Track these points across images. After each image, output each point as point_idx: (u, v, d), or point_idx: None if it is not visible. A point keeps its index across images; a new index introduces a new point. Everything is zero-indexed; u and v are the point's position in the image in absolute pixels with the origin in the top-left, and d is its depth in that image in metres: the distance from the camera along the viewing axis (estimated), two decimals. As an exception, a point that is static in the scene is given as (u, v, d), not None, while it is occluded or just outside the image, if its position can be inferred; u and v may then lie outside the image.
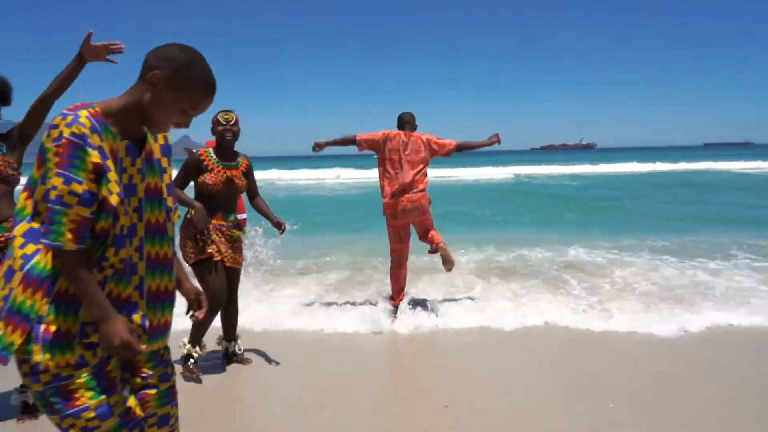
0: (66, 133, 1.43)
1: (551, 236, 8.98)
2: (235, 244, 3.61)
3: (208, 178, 3.44)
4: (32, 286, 1.47)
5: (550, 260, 7.01)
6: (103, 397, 1.53)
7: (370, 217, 8.31)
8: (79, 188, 1.44)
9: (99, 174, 1.48)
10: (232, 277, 3.66)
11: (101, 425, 1.53)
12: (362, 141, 4.73)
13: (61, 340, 1.47)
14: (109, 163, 1.50)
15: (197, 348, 3.56)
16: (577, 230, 9.73)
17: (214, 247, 3.44)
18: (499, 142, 4.87)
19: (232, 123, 3.52)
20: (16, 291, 1.47)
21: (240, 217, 6.37)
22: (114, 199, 1.49)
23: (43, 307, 1.46)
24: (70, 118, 1.46)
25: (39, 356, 1.45)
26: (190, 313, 1.87)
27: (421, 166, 4.72)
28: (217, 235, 3.47)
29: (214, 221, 3.48)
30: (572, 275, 6.15)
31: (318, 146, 4.80)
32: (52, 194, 1.43)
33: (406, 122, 4.91)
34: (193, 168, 3.46)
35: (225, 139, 3.51)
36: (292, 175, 34.69)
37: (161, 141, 1.75)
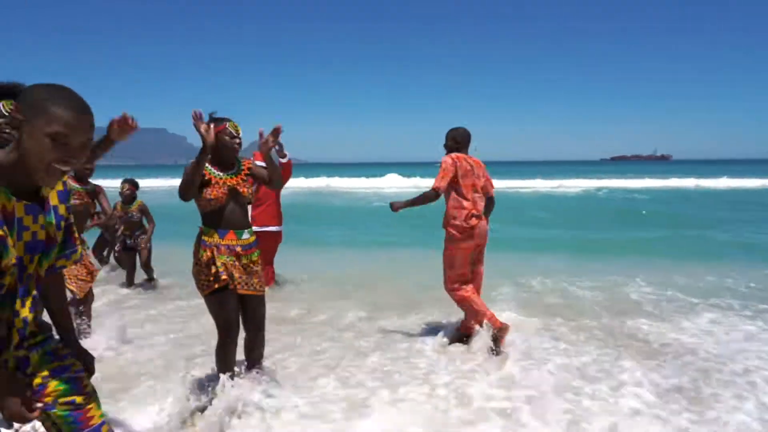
0: None
1: (607, 263, 8.04)
2: (251, 267, 3.22)
3: (208, 193, 3.11)
4: None
5: (602, 303, 5.79)
6: None
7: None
8: None
9: None
10: (252, 304, 3.26)
11: None
12: (442, 187, 4.33)
13: None
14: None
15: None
16: (639, 256, 8.72)
17: (225, 274, 3.07)
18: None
19: (240, 136, 3.25)
20: None
21: (271, 229, 5.97)
22: (8, 263, 1.49)
23: None
24: None
25: None
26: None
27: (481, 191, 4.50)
28: (229, 258, 3.12)
29: (225, 241, 3.14)
30: (635, 349, 4.30)
31: (395, 208, 4.48)
32: None
33: (467, 142, 4.53)
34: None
35: (231, 150, 3.22)
36: (349, 183, 35.03)
37: (59, 187, 1.71)
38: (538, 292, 6.42)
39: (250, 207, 3.46)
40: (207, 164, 3.17)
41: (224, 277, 3.07)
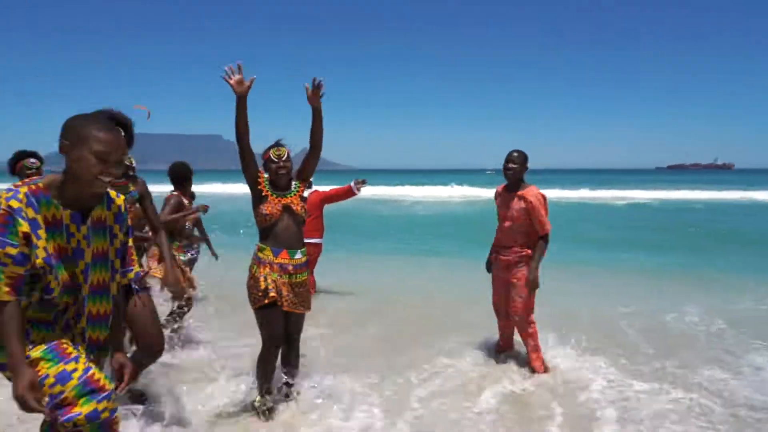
0: (3, 205, 1.78)
1: (648, 287, 7.54)
2: (300, 288, 3.39)
3: (264, 209, 3.32)
4: None
5: (643, 330, 5.15)
6: (60, 363, 1.83)
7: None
8: (13, 251, 1.77)
9: (29, 241, 1.79)
10: (293, 318, 3.44)
11: (64, 389, 1.79)
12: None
13: None
14: (41, 232, 1.81)
15: (266, 397, 3.36)
16: (687, 279, 8.08)
17: (274, 291, 3.25)
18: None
19: (284, 159, 3.39)
20: None
21: (313, 241, 6.19)
22: (39, 262, 1.81)
23: None
24: (10, 194, 1.80)
25: None
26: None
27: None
28: (281, 276, 3.30)
29: (278, 260, 3.31)
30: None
31: (535, 281, 4.11)
32: None
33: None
34: (253, 182, 3.38)
35: (279, 175, 3.38)
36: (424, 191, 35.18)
37: (115, 210, 2.02)
38: (579, 322, 5.64)
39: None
40: (264, 181, 3.38)
41: (273, 294, 3.23)
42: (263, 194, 3.35)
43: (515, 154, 4.18)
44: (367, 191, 7.66)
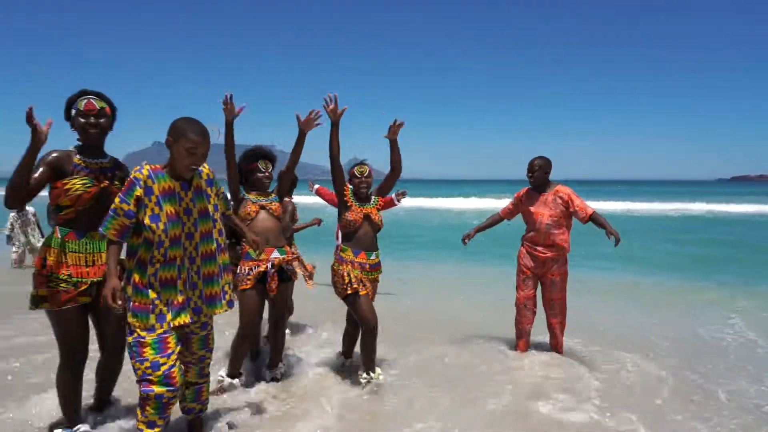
0: (131, 176, 2.59)
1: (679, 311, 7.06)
2: (373, 283, 4.02)
3: (348, 216, 3.88)
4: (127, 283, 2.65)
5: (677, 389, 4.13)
6: (158, 355, 2.57)
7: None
8: (126, 207, 2.56)
9: (140, 202, 2.56)
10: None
11: (152, 375, 2.55)
12: None
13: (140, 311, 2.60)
14: (153, 198, 2.58)
15: (372, 373, 3.87)
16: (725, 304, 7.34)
17: (356, 284, 3.82)
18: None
19: (365, 175, 3.97)
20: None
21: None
22: (146, 220, 2.56)
23: (129, 291, 2.62)
24: (137, 169, 2.61)
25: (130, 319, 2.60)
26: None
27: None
28: (361, 272, 3.89)
29: (358, 259, 3.89)
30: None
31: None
32: (112, 206, 2.58)
33: None
34: (341, 189, 3.94)
35: (360, 190, 3.96)
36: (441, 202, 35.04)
37: (205, 177, 2.80)
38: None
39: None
40: (349, 193, 3.96)
41: (355, 286, 3.82)
42: (348, 204, 3.92)
43: (537, 161, 4.68)
44: (407, 202, 8.01)
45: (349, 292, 3.81)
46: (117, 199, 2.55)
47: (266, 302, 3.99)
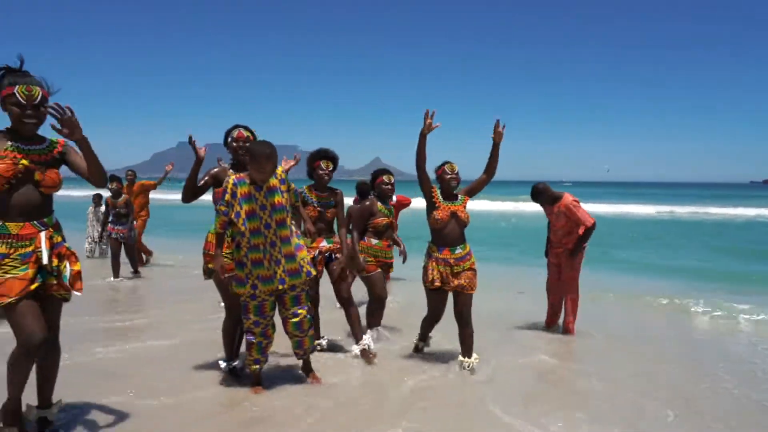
0: (226, 184, 3.53)
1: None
2: (462, 273, 4.23)
3: (436, 215, 4.19)
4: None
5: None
6: (257, 315, 3.64)
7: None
8: (222, 208, 3.53)
9: (229, 204, 3.50)
10: (460, 299, 4.26)
11: (254, 329, 3.66)
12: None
13: (241, 282, 3.61)
14: (237, 200, 3.50)
15: (468, 358, 4.29)
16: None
17: (438, 281, 4.18)
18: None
19: (455, 172, 4.28)
20: None
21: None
22: (234, 217, 3.51)
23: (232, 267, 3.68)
24: (230, 178, 3.54)
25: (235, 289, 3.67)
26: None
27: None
28: (444, 268, 4.19)
29: (442, 256, 4.21)
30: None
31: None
32: (216, 209, 3.58)
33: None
34: (428, 190, 4.26)
35: (451, 184, 4.29)
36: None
37: (278, 177, 3.61)
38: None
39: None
40: (437, 193, 4.26)
41: (437, 283, 4.19)
42: (436, 203, 4.23)
43: (537, 190, 5.67)
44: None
45: (431, 288, 4.23)
46: (219, 205, 3.55)
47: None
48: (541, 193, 5.65)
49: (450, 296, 4.34)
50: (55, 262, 2.74)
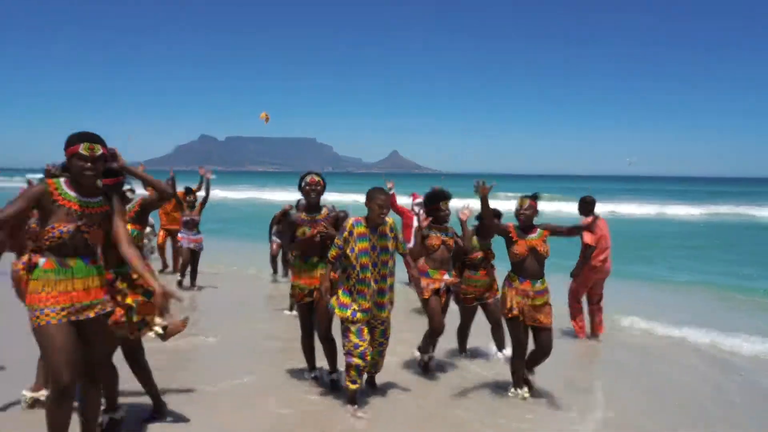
0: (344, 224, 4.13)
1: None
2: (540, 307, 4.37)
3: (515, 249, 4.37)
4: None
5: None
6: (357, 338, 4.05)
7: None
8: (339, 242, 4.10)
9: (346, 240, 4.05)
10: (538, 333, 4.42)
11: (354, 351, 4.04)
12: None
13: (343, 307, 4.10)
14: (353, 238, 4.05)
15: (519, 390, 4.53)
16: None
17: (516, 310, 4.33)
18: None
19: (525, 207, 4.43)
20: None
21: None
22: (349, 251, 4.04)
23: (339, 293, 4.16)
24: (350, 220, 4.12)
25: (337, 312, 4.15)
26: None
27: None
28: (524, 299, 4.33)
29: (522, 287, 4.35)
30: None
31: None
32: (334, 242, 4.15)
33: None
34: (502, 232, 4.45)
35: (527, 218, 4.44)
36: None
37: (389, 225, 4.18)
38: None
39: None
40: (514, 230, 4.41)
41: (515, 312, 4.34)
42: (514, 239, 4.39)
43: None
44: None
45: (509, 316, 4.38)
46: (336, 238, 4.12)
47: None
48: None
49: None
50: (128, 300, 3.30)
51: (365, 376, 4.49)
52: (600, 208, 6.21)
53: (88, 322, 2.84)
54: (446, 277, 4.92)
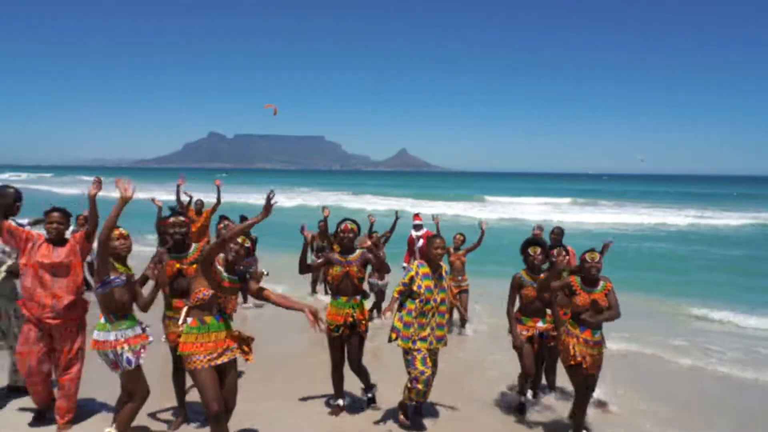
0: (410, 266, 4.78)
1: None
2: (596, 356, 4.53)
3: (577, 300, 4.51)
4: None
5: None
6: (423, 366, 4.56)
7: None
8: (405, 281, 4.63)
9: (412, 279, 4.61)
10: (591, 380, 4.62)
11: (420, 377, 4.55)
12: None
13: (404, 337, 4.65)
14: (419, 277, 4.61)
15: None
16: None
17: (579, 357, 4.46)
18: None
19: (596, 261, 4.50)
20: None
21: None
22: (414, 288, 4.59)
23: (399, 325, 4.69)
24: (414, 264, 4.77)
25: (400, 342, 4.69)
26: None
27: None
28: (585, 347, 4.48)
29: (583, 335, 4.49)
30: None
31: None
32: (403, 280, 4.68)
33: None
34: (566, 287, 4.62)
35: (591, 273, 4.50)
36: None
37: (444, 269, 4.78)
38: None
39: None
40: (576, 282, 4.54)
41: (579, 359, 4.47)
42: (576, 291, 4.53)
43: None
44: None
45: (572, 363, 4.47)
46: (402, 278, 4.60)
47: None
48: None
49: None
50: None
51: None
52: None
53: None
54: (539, 324, 5.08)
